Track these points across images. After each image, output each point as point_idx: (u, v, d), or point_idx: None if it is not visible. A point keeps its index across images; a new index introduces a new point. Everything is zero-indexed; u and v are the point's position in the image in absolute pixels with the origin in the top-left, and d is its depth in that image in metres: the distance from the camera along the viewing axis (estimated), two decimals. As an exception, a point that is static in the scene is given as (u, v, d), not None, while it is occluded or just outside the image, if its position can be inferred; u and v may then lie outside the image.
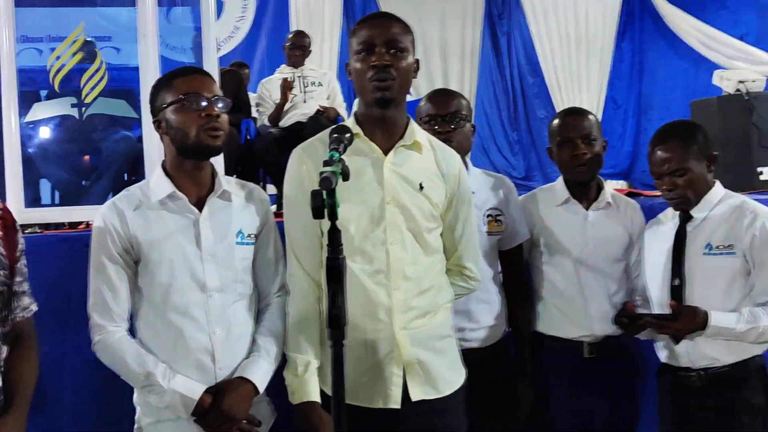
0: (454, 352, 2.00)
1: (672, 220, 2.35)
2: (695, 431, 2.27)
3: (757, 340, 2.15)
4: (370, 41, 1.87)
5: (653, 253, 2.38)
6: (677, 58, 8.31)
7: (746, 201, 2.29)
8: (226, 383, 1.87)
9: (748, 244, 2.18)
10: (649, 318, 2.21)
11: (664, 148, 2.26)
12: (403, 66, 1.88)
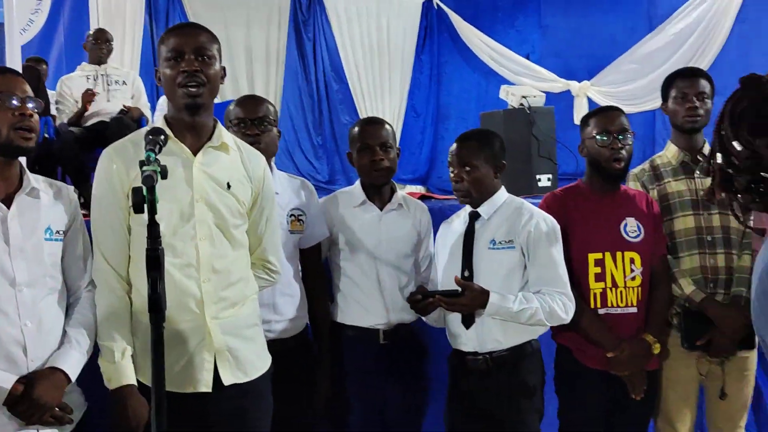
0: (261, 339, 2.18)
1: (463, 219, 2.67)
2: (479, 411, 2.58)
3: (529, 321, 2.49)
4: (180, 49, 2.02)
5: (446, 249, 2.69)
6: (471, 72, 8.94)
7: (525, 203, 2.66)
8: (38, 373, 1.93)
9: (525, 239, 2.54)
10: (440, 296, 2.49)
11: (461, 144, 2.60)
12: (212, 73, 2.05)
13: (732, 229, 2.75)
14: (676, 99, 2.85)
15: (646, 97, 7.93)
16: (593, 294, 2.65)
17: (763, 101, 1.16)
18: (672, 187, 2.82)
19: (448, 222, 2.77)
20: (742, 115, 1.18)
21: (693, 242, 2.75)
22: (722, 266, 2.73)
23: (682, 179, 2.82)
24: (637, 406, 2.67)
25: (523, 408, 2.56)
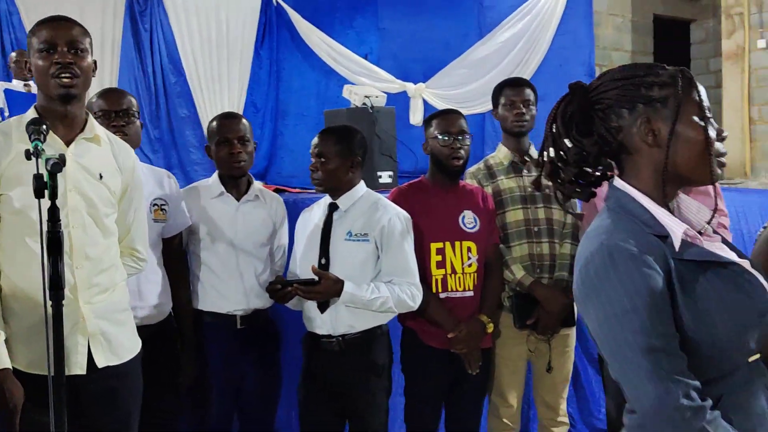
0: (131, 323, 2.30)
1: (322, 209, 2.88)
2: (332, 389, 2.81)
3: (380, 308, 2.74)
4: (53, 41, 2.10)
5: (304, 237, 2.89)
6: (311, 70, 9.13)
7: (381, 198, 2.91)
8: None
9: (379, 233, 2.79)
10: (297, 285, 2.70)
11: (321, 137, 2.82)
12: (85, 65, 2.15)
13: (555, 221, 3.15)
14: (505, 106, 3.21)
15: (477, 100, 8.45)
16: (435, 280, 2.95)
17: (589, 107, 1.45)
18: (504, 184, 3.18)
19: (308, 210, 2.98)
20: (572, 117, 1.46)
21: (522, 233, 3.13)
22: (547, 253, 3.12)
23: (512, 177, 3.19)
24: (474, 381, 3.00)
25: (373, 385, 2.82)
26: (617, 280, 1.30)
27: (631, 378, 1.30)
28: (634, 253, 1.31)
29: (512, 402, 3.20)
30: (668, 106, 1.39)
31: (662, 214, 1.39)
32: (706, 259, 1.37)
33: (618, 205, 1.42)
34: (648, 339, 1.27)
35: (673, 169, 1.39)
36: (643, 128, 1.40)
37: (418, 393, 3.02)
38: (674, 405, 1.25)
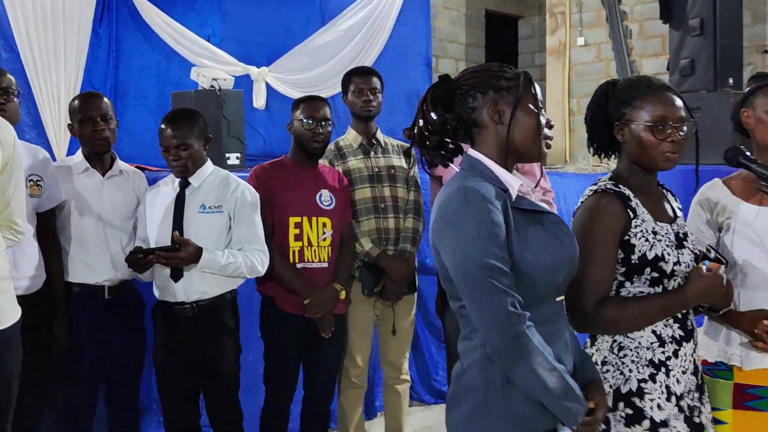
0: (12, 291, 2.44)
1: (172, 185, 3.09)
2: (188, 354, 3.03)
3: (234, 273, 2.99)
4: None
5: (156, 211, 3.08)
6: (151, 50, 9.04)
7: (231, 174, 3.16)
8: None
9: (232, 206, 3.04)
10: (159, 252, 2.90)
11: (174, 126, 2.99)
12: None
13: (399, 198, 3.53)
14: (354, 92, 3.56)
15: (319, 85, 8.74)
16: (293, 251, 3.25)
17: (453, 91, 1.81)
18: (353, 164, 3.52)
19: (157, 186, 3.17)
20: (439, 98, 1.82)
21: (370, 209, 3.48)
22: (392, 228, 3.50)
23: (361, 158, 3.54)
24: (328, 344, 3.32)
25: (227, 347, 3.09)
26: (469, 213, 1.67)
27: (474, 292, 1.67)
28: (484, 194, 1.68)
29: (359, 362, 3.56)
30: (511, 94, 1.77)
31: (504, 173, 1.78)
32: (533, 209, 1.77)
33: (471, 167, 1.79)
34: (488, 258, 1.65)
35: (512, 143, 1.78)
36: (491, 108, 1.78)
37: (276, 356, 3.30)
38: (504, 311, 1.63)
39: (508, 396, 1.70)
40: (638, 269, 2.00)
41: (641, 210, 2.01)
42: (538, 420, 1.71)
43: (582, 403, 1.70)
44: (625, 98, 2.05)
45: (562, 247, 1.77)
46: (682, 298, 1.98)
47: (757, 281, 2.24)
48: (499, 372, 1.70)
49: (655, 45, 8.63)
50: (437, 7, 9.51)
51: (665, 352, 2.01)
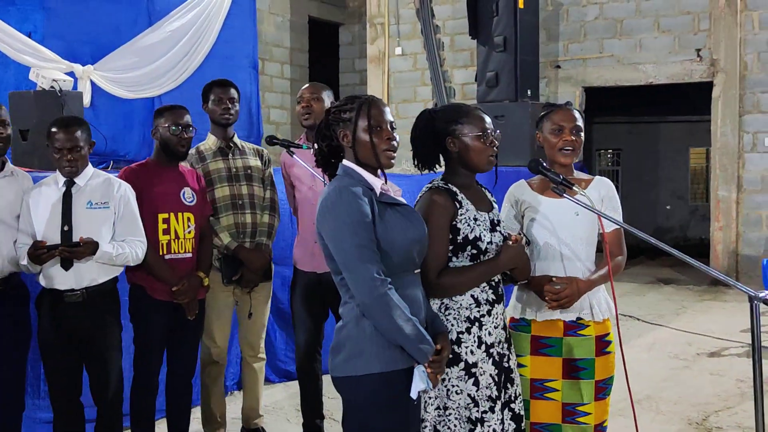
0: None
1: (56, 186, 3.43)
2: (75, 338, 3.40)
3: (121, 262, 3.42)
4: None
5: (41, 209, 3.41)
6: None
7: (110, 176, 3.54)
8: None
9: (117, 201, 3.44)
10: (63, 247, 3.26)
11: (68, 131, 3.36)
12: None
13: (256, 196, 4.06)
14: (214, 101, 4.04)
15: (146, 85, 8.97)
16: (161, 244, 3.67)
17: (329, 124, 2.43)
18: (213, 166, 4.01)
19: (38, 186, 3.50)
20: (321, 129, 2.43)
21: (228, 206, 3.98)
22: (249, 222, 4.02)
23: (220, 160, 4.03)
24: (192, 325, 3.78)
25: (112, 325, 3.50)
26: (343, 205, 2.28)
27: (349, 264, 2.26)
28: (353, 191, 2.29)
29: (219, 342, 4.05)
30: (350, 122, 2.40)
31: (369, 176, 2.39)
32: (391, 201, 2.40)
33: (344, 173, 2.40)
34: (359, 239, 2.25)
35: (360, 159, 2.40)
36: (342, 132, 2.41)
37: (145, 340, 3.72)
38: (371, 276, 2.24)
39: (376, 341, 2.32)
40: (462, 247, 2.68)
41: (466, 202, 2.69)
42: (398, 359, 2.34)
43: (431, 345, 2.34)
44: (453, 118, 2.71)
45: (414, 229, 2.41)
46: (497, 264, 2.69)
47: (547, 254, 3.00)
48: (368, 324, 2.32)
49: (464, 57, 9.60)
50: (263, 13, 10.01)
51: (480, 311, 2.70)
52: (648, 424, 4.49)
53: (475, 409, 2.65)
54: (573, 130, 3.02)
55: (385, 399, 2.36)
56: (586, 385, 2.98)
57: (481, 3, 8.62)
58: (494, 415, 2.67)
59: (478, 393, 2.66)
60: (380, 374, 2.34)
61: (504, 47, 8.37)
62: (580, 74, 9.14)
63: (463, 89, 9.59)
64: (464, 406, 2.64)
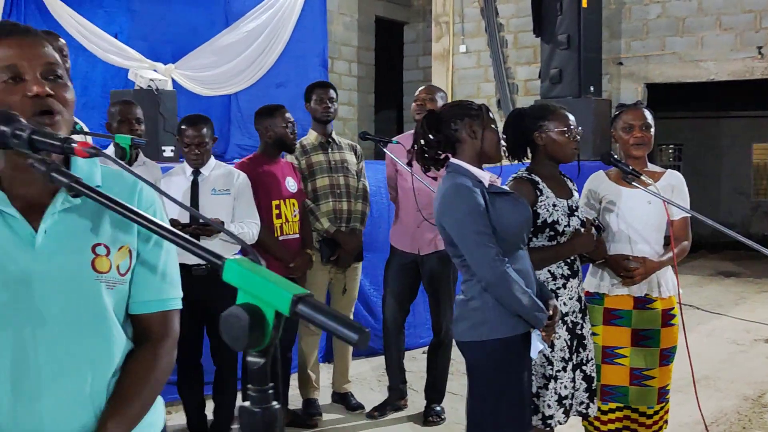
0: None
1: (184, 175, 4.00)
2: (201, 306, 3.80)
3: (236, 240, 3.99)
4: None
5: (172, 194, 3.92)
6: (61, 46, 9.62)
7: (230, 166, 4.11)
8: None
9: (237, 188, 4.00)
10: (196, 226, 3.82)
11: (195, 128, 3.96)
12: None
13: (351, 186, 4.59)
14: (315, 101, 4.57)
15: (224, 83, 9.58)
16: (276, 227, 4.25)
17: (440, 119, 2.87)
18: (315, 158, 4.55)
19: (168, 176, 4.08)
20: (431, 124, 2.88)
21: (328, 194, 4.53)
22: (345, 209, 4.56)
23: (320, 153, 4.57)
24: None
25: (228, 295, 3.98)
26: (461, 199, 2.75)
27: (471, 249, 2.74)
28: (469, 185, 2.76)
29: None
30: (479, 119, 2.86)
31: (478, 171, 2.86)
32: (500, 191, 2.87)
33: (455, 170, 2.86)
34: (478, 227, 2.72)
35: (484, 151, 2.87)
36: (468, 129, 2.86)
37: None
38: (491, 258, 2.71)
39: (497, 311, 2.79)
40: (541, 229, 3.15)
41: (546, 190, 3.16)
42: (516, 326, 2.81)
43: (545, 312, 2.80)
44: (541, 115, 3.17)
45: (521, 213, 2.87)
46: (569, 247, 3.16)
47: (621, 237, 3.46)
48: (490, 297, 2.79)
49: (527, 54, 10.02)
50: (333, 13, 10.56)
51: (556, 284, 3.16)
52: (706, 400, 4.90)
53: (549, 368, 3.10)
54: (642, 127, 3.48)
55: (506, 360, 2.83)
56: (652, 353, 3.44)
57: (545, 2, 9.03)
58: (566, 374, 3.13)
59: (552, 354, 3.12)
60: (502, 339, 2.80)
61: (568, 45, 8.78)
62: (642, 71, 9.49)
63: (525, 85, 10.02)
64: (540, 364, 3.11)
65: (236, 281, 1.04)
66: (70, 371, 1.49)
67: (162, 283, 1.73)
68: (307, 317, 0.97)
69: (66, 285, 1.50)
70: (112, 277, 1.56)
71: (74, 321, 1.50)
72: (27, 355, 1.46)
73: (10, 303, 1.45)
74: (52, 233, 1.51)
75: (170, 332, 1.72)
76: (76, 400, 1.50)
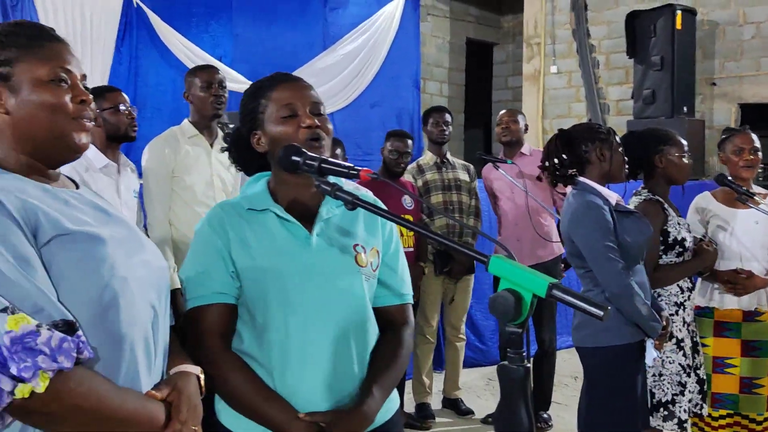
0: None
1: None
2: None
3: None
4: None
5: None
6: (168, 67, 10.26)
7: (357, 185, 4.48)
8: None
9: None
10: None
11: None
12: None
13: (463, 203, 4.93)
14: (432, 124, 4.93)
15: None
16: None
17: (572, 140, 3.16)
18: (430, 177, 4.90)
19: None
20: (563, 144, 3.18)
21: (441, 210, 4.86)
22: (457, 225, 4.88)
23: (435, 172, 4.92)
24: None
25: None
26: (591, 215, 3.03)
27: (600, 262, 3.00)
28: (599, 204, 3.05)
29: (432, 323, 4.94)
30: (608, 142, 3.15)
31: (605, 190, 3.13)
32: (625, 210, 3.13)
33: (584, 188, 3.14)
34: (606, 241, 2.99)
35: (612, 172, 3.15)
36: (596, 153, 3.15)
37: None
38: (617, 271, 2.98)
39: (617, 320, 3.05)
40: (671, 247, 3.40)
41: (669, 210, 3.42)
42: (634, 334, 3.07)
43: (659, 323, 3.07)
44: (662, 140, 3.42)
45: (642, 232, 3.13)
46: (699, 263, 3.44)
47: (729, 255, 3.70)
48: (613, 307, 3.03)
49: (619, 75, 10.20)
50: (426, 36, 10.95)
51: (683, 296, 3.43)
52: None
53: (684, 375, 3.36)
54: (752, 150, 3.72)
55: (623, 365, 3.08)
56: (762, 362, 3.66)
57: (638, 25, 9.22)
58: (691, 379, 3.39)
59: (685, 362, 3.37)
60: (620, 345, 3.07)
61: (661, 66, 8.94)
62: (736, 91, 9.57)
63: (617, 105, 10.19)
64: (675, 372, 3.34)
65: (499, 272, 1.36)
66: (340, 346, 1.87)
67: (401, 281, 2.06)
68: (560, 299, 1.30)
69: (337, 275, 1.89)
70: (367, 271, 1.95)
71: (343, 304, 1.89)
72: (308, 332, 1.85)
73: (296, 290, 1.85)
74: (323, 235, 1.92)
75: (409, 321, 2.06)
76: (344, 371, 1.88)
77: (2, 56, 1.52)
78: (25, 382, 1.28)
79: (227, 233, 1.89)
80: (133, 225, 1.69)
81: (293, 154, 1.75)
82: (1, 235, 1.35)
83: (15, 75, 1.52)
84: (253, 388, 1.83)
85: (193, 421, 1.57)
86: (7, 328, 1.27)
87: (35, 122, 1.52)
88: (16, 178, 1.50)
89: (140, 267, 1.55)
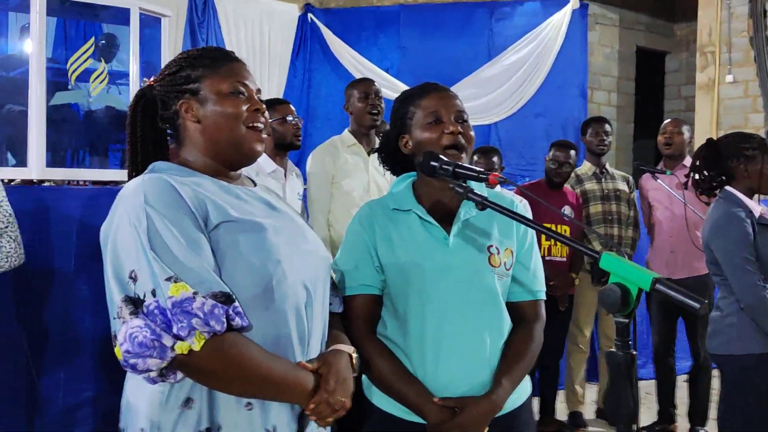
0: None
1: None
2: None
3: None
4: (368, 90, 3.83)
5: None
6: (338, 80, 10.77)
7: (512, 194, 4.66)
8: None
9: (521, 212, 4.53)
10: None
11: (488, 155, 4.63)
12: None
13: (622, 213, 4.98)
14: (591, 134, 5.02)
15: (484, 113, 10.22)
16: (542, 248, 4.71)
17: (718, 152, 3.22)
18: (589, 187, 4.99)
19: None
20: (708, 156, 3.24)
21: (600, 220, 4.94)
22: (616, 234, 4.94)
23: (594, 182, 5.01)
24: (562, 315, 4.79)
25: None
26: (732, 227, 3.08)
27: (737, 273, 3.05)
28: (741, 216, 3.09)
29: (586, 333, 5.02)
30: (756, 157, 3.18)
31: (750, 202, 3.16)
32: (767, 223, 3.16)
33: (728, 198, 3.18)
34: (745, 253, 3.04)
35: (762, 185, 3.18)
36: (744, 166, 3.19)
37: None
38: (754, 283, 3.02)
39: (752, 329, 3.10)
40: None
41: None
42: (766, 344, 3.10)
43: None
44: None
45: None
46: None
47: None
48: (746, 316, 3.10)
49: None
50: (593, 44, 10.89)
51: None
52: None
53: None
54: None
55: (759, 372, 3.12)
56: None
57: (823, 31, 8.81)
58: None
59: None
60: (757, 354, 3.11)
61: None
62: None
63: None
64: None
65: (610, 267, 1.53)
66: (474, 338, 2.07)
67: (534, 278, 2.22)
68: (662, 292, 1.45)
69: (472, 274, 2.09)
70: (501, 271, 2.13)
71: (477, 300, 2.09)
72: (443, 324, 2.06)
73: (433, 285, 2.06)
74: (459, 236, 2.12)
75: (540, 317, 2.22)
76: (477, 361, 2.08)
77: (193, 75, 1.83)
78: (183, 341, 1.54)
79: (374, 230, 2.11)
80: (299, 219, 1.94)
81: (431, 159, 1.97)
82: (177, 219, 1.61)
83: (203, 90, 1.82)
84: (393, 371, 2.05)
85: (341, 393, 1.75)
86: (170, 294, 1.53)
87: (219, 129, 1.81)
88: (197, 176, 1.78)
89: (297, 254, 1.77)
